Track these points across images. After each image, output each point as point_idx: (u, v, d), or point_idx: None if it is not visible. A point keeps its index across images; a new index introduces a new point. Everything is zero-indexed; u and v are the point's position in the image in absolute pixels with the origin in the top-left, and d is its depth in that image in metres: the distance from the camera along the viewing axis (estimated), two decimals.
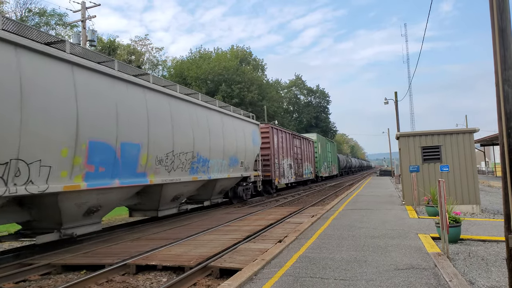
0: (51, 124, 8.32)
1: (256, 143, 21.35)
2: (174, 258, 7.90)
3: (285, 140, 28.05)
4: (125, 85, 10.98)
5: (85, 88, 9.37)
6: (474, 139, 14.93)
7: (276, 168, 25.45)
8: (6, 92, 7.42)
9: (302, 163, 33.30)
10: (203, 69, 50.18)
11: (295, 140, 31.35)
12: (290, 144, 29.52)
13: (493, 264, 6.57)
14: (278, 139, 26.26)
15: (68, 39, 29.38)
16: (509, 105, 4.22)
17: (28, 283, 7.31)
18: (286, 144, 28.33)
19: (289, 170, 28.79)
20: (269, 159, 24.41)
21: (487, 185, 31.56)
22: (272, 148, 24.84)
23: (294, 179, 30.43)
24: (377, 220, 11.57)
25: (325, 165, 44.71)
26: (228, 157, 17.41)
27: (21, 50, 7.88)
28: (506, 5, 4.25)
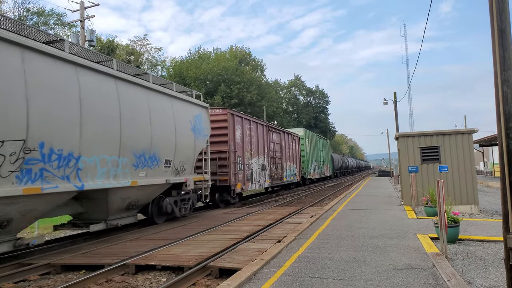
0: None
1: (201, 134, 15.09)
2: (173, 258, 7.90)
3: (255, 133, 22.15)
4: None
5: None
6: (473, 139, 14.96)
7: (239, 169, 19.50)
8: None
9: (283, 163, 27.77)
10: (202, 69, 50.18)
11: (271, 134, 25.63)
12: (264, 139, 23.88)
13: (491, 264, 6.59)
14: (244, 130, 20.36)
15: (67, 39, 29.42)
16: (508, 105, 4.23)
17: (27, 283, 7.31)
18: (257, 139, 22.53)
19: (262, 172, 22.94)
20: (227, 158, 18.34)
21: (486, 186, 31.62)
22: (233, 142, 18.88)
23: (269, 183, 24.55)
24: (376, 221, 11.59)
25: (315, 166, 39.86)
26: (132, 153, 11.26)
27: None
28: (505, 6, 4.27)
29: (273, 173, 25.27)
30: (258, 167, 22.29)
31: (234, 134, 19.09)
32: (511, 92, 4.23)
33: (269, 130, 25.09)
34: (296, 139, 32.67)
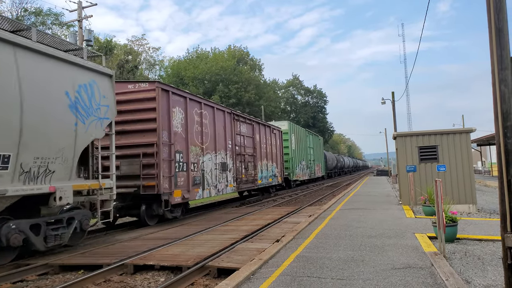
0: None
1: (93, 115, 9.76)
2: (171, 258, 7.90)
3: (211, 121, 16.75)
4: None
5: None
6: (470, 139, 14.99)
7: (180, 170, 13.96)
8: None
9: (256, 161, 21.93)
10: (200, 69, 50.19)
11: (239, 125, 19.97)
12: (227, 130, 18.30)
13: (489, 263, 6.60)
14: (189, 116, 14.87)
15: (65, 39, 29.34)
16: (505, 105, 4.24)
17: (25, 283, 7.29)
18: (215, 129, 17.05)
19: (221, 173, 17.42)
20: (156, 154, 12.79)
21: (484, 185, 31.67)
22: (167, 131, 13.36)
23: (233, 188, 18.91)
24: (374, 220, 11.60)
25: (303, 165, 34.72)
26: None
27: None
28: (503, 5, 4.27)
29: (240, 175, 19.57)
30: (215, 167, 16.71)
31: (169, 119, 13.42)
32: (508, 91, 4.24)
33: (234, 119, 19.23)
34: (277, 133, 26.80)
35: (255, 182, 21.77)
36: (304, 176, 35.40)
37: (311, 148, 39.28)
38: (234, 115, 19.38)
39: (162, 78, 54.37)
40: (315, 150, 41.42)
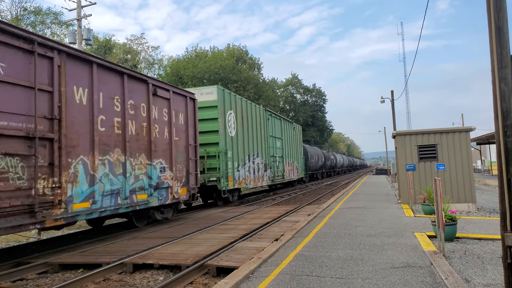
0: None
1: None
2: (170, 257, 7.89)
3: None
4: None
5: None
6: (470, 137, 15.00)
7: None
8: None
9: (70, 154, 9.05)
10: (199, 68, 50.13)
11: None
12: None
13: (489, 262, 6.60)
14: None
15: (64, 38, 29.32)
16: (505, 103, 4.23)
17: (25, 282, 7.28)
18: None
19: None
20: None
21: (483, 184, 31.70)
22: None
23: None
24: (374, 219, 11.60)
25: (254, 164, 22.08)
26: None
27: None
28: (503, 3, 4.27)
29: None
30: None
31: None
32: (508, 90, 4.24)
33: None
34: (182, 102, 14.32)
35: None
36: (258, 182, 22.65)
37: (277, 138, 27.25)
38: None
39: (161, 77, 54.31)
40: (286, 142, 29.69)
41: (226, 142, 18.37)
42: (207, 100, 17.90)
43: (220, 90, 18.60)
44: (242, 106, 20.98)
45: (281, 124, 28.88)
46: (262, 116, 24.19)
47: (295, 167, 32.40)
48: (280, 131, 28.34)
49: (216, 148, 17.84)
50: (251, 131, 22.05)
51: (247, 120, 21.52)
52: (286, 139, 29.96)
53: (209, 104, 17.85)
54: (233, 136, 19.28)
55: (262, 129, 23.93)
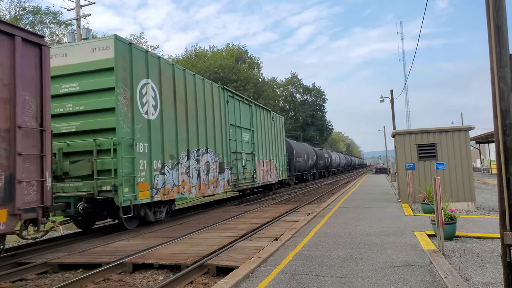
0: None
1: None
2: (170, 257, 7.89)
3: None
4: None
5: None
6: (469, 136, 15.01)
7: None
8: None
9: None
10: (198, 68, 50.13)
11: None
12: None
13: (488, 261, 6.61)
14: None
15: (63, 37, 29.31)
16: (504, 102, 4.23)
17: (24, 282, 7.28)
18: None
19: None
20: None
21: (483, 183, 31.73)
22: None
23: None
24: (373, 218, 11.61)
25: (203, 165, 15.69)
26: None
27: None
28: (502, 2, 4.26)
29: None
30: None
31: None
32: (507, 89, 4.23)
33: None
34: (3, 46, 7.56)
35: None
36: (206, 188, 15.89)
37: (245, 129, 20.77)
38: None
39: None
40: (260, 135, 23.03)
41: (135, 128, 11.62)
42: (98, 59, 11.33)
43: (124, 45, 11.65)
44: (176, 77, 14.02)
45: (252, 111, 21.85)
46: (217, 97, 17.33)
47: (273, 167, 25.36)
48: (250, 120, 21.50)
49: (111, 138, 10.97)
50: (194, 116, 15.19)
51: (186, 99, 14.62)
52: (260, 131, 23.05)
53: (100, 66, 11.27)
54: (152, 120, 12.54)
55: (216, 114, 17.12)
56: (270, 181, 24.91)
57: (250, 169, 20.89)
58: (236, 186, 18.93)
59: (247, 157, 20.63)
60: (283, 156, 28.44)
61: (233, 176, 18.46)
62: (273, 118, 26.48)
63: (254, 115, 22.36)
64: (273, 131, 26.23)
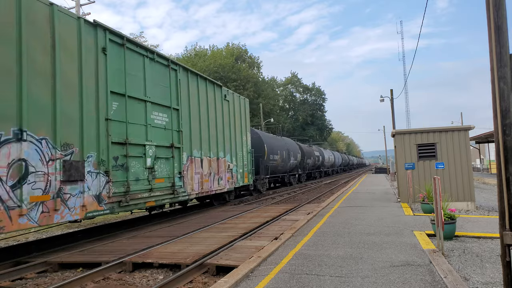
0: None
1: None
2: (170, 256, 7.90)
3: None
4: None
5: None
6: (469, 136, 15.01)
7: None
8: None
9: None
10: (198, 67, 50.11)
11: None
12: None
13: (487, 261, 6.61)
14: None
15: None
16: (504, 102, 4.23)
17: (24, 281, 7.29)
18: None
19: None
20: None
21: (482, 182, 31.74)
22: None
23: None
24: (373, 217, 11.61)
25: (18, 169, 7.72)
26: None
27: None
28: (502, 2, 4.26)
29: None
30: None
31: None
32: (507, 88, 4.24)
33: None
34: None
35: None
36: (17, 222, 7.65)
37: (158, 107, 13.05)
38: None
39: None
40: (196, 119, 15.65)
41: None
42: None
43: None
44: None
45: (178, 79, 14.24)
46: (76, 38, 9.75)
47: (224, 168, 17.63)
48: (175, 92, 13.96)
49: None
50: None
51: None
52: (197, 113, 15.51)
53: None
54: None
55: (71, 70, 9.54)
56: (219, 189, 16.91)
57: (167, 173, 12.96)
58: (123, 204, 10.77)
59: (161, 152, 12.79)
60: (246, 152, 20.87)
61: (117, 186, 10.66)
62: (227, 97, 18.46)
63: (183, 86, 14.51)
64: (227, 116, 18.49)
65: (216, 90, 17.50)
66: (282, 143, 31.23)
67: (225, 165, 17.80)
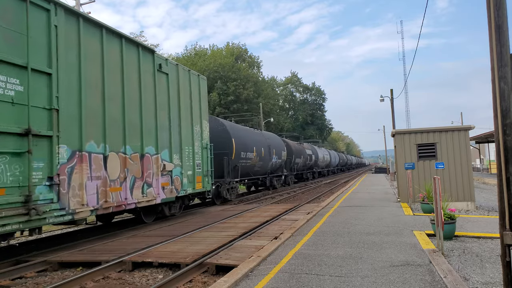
0: None
1: None
2: (170, 255, 7.90)
3: None
4: None
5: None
6: (469, 136, 15.01)
7: None
8: None
9: None
10: (198, 66, 50.08)
11: None
12: None
13: (487, 261, 6.61)
14: None
15: None
16: (505, 102, 4.23)
17: (24, 280, 7.28)
18: None
19: None
20: None
21: (482, 182, 31.74)
22: None
23: None
24: (373, 217, 11.61)
25: None
26: None
27: None
28: (503, 1, 4.26)
29: None
30: None
31: None
32: (508, 88, 4.23)
33: None
34: None
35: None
36: None
37: (5, 66, 7.63)
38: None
39: None
40: (98, 92, 10.17)
41: None
42: None
43: None
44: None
45: (51, 22, 8.78)
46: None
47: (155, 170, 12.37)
48: (48, 45, 8.75)
49: None
50: None
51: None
52: (101, 83, 10.38)
53: None
54: None
55: None
56: (141, 201, 11.49)
57: (15, 179, 7.69)
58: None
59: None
60: (199, 148, 15.32)
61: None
62: (163, 68, 13.16)
63: (67, 38, 9.33)
64: (165, 96, 13.22)
65: (142, 55, 12.14)
66: (260, 138, 25.77)
67: (157, 165, 12.39)
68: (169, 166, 12.96)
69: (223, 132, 20.08)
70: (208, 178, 15.93)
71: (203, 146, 15.69)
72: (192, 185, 14.57)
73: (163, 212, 13.48)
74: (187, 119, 14.58)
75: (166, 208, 13.58)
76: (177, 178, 13.46)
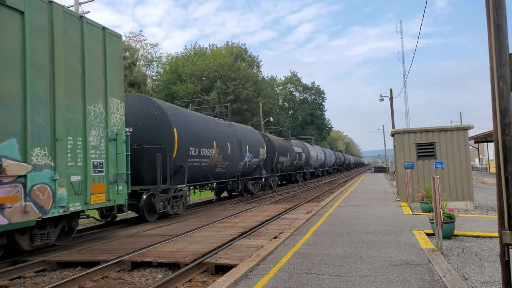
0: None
1: None
2: (169, 255, 7.89)
3: None
4: None
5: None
6: (468, 136, 15.02)
7: None
8: None
9: None
10: (198, 66, 50.10)
11: None
12: None
13: (486, 260, 6.61)
14: None
15: None
16: (504, 101, 4.23)
17: (22, 280, 7.27)
18: None
19: None
20: None
21: (481, 182, 31.76)
22: None
23: None
24: (372, 217, 11.61)
25: None
26: None
27: None
28: (501, 1, 4.25)
29: None
30: None
31: None
32: (507, 88, 4.23)
33: None
34: None
35: None
36: None
37: None
38: None
39: (160, 75, 54.25)
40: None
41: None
42: None
43: None
44: None
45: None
46: None
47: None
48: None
49: None
50: None
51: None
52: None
53: None
54: None
55: None
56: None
57: None
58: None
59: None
60: (101, 140, 9.88)
61: None
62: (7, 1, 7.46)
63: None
64: (15, 47, 7.65)
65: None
66: (226, 130, 19.44)
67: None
68: (17, 169, 7.51)
69: (160, 118, 13.77)
70: (120, 186, 10.49)
71: (109, 137, 10.14)
72: (83, 198, 9.16)
73: (19, 244, 8.25)
74: (75, 92, 9.11)
75: (24, 239, 8.30)
76: (42, 188, 8.07)
